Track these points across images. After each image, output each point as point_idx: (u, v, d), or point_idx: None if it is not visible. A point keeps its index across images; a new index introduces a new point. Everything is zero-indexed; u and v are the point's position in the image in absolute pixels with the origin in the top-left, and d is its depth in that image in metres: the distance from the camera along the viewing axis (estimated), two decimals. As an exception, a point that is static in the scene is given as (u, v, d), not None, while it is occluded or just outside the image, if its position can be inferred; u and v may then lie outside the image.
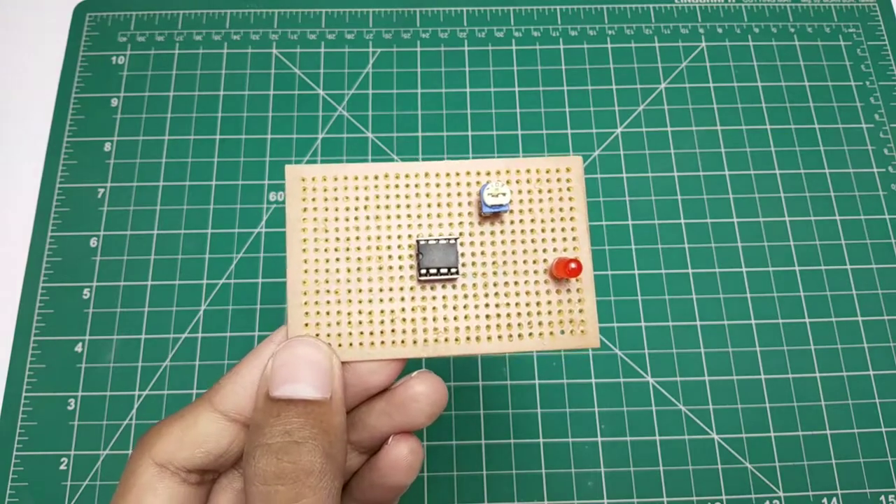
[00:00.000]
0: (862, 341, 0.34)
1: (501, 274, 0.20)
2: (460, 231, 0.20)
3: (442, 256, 0.20)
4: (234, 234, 0.36)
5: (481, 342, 0.20)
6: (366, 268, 0.20)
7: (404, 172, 0.21)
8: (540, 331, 0.20)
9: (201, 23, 0.40)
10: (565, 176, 0.21)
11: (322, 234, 0.20)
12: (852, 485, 0.32)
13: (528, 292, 0.20)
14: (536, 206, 0.21)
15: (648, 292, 0.35)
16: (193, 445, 0.18)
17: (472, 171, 0.21)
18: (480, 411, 0.33)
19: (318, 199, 0.20)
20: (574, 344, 0.20)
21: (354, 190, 0.20)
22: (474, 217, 0.21)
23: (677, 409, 0.33)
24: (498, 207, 0.20)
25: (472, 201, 0.21)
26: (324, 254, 0.20)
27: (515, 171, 0.21)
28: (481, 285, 0.20)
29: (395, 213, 0.20)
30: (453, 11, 0.41)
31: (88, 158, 0.37)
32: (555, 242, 0.21)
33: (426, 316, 0.20)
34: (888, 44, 0.40)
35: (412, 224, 0.20)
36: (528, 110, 0.38)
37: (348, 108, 0.38)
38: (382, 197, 0.20)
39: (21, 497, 0.31)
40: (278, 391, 0.17)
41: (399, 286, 0.20)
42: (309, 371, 0.18)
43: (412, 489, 0.31)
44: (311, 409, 0.17)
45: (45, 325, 0.34)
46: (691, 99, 0.39)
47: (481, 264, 0.20)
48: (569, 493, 0.32)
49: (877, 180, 0.37)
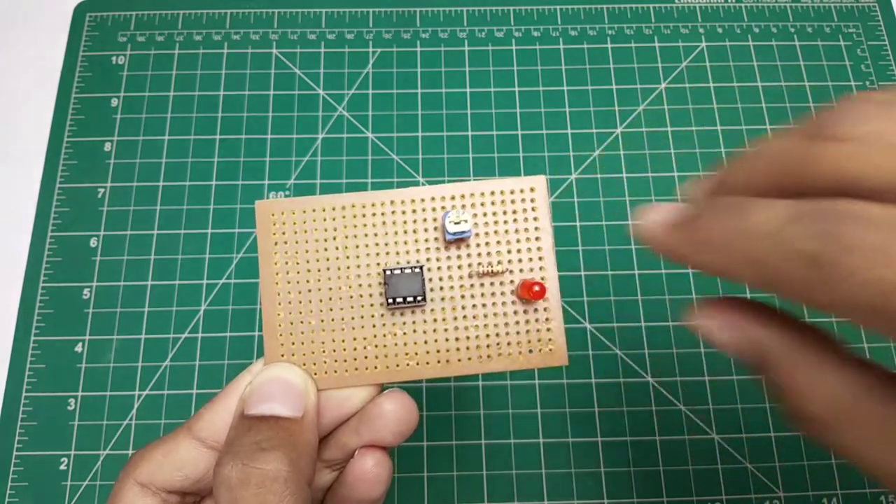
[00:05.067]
0: (862, 341, 0.34)
1: (469, 297, 0.21)
2: (427, 257, 0.21)
3: (407, 285, 0.20)
4: (234, 234, 0.36)
5: (451, 364, 0.20)
6: (337, 297, 0.21)
7: (370, 202, 0.21)
8: (509, 351, 0.21)
9: (201, 23, 0.40)
10: (529, 196, 0.21)
11: (294, 267, 0.21)
12: (852, 485, 0.32)
13: (495, 314, 0.21)
14: (501, 228, 0.21)
15: (648, 292, 0.35)
16: (172, 469, 0.19)
17: (437, 196, 0.21)
18: (480, 411, 0.33)
19: (287, 233, 0.21)
20: (543, 363, 0.20)
21: (323, 222, 0.21)
22: (440, 242, 0.21)
23: (677, 409, 0.33)
24: (460, 234, 0.20)
25: (437, 227, 0.21)
26: (296, 285, 0.21)
27: (480, 193, 0.21)
28: (449, 309, 0.21)
29: (363, 243, 0.21)
30: (453, 11, 0.41)
31: (88, 158, 0.37)
32: (521, 263, 0.21)
33: (397, 342, 0.20)
34: (888, 44, 0.40)
35: (380, 252, 0.21)
36: (528, 110, 0.38)
37: (348, 108, 0.38)
38: (350, 227, 0.21)
39: (21, 497, 0.31)
40: (252, 409, 0.18)
41: (370, 314, 0.21)
42: (282, 391, 0.19)
43: (412, 489, 0.31)
44: (282, 425, 0.18)
45: (45, 325, 0.34)
46: (691, 99, 0.39)
47: (448, 288, 0.21)
48: (569, 493, 0.32)
49: (877, 180, 0.37)
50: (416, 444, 0.32)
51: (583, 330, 0.34)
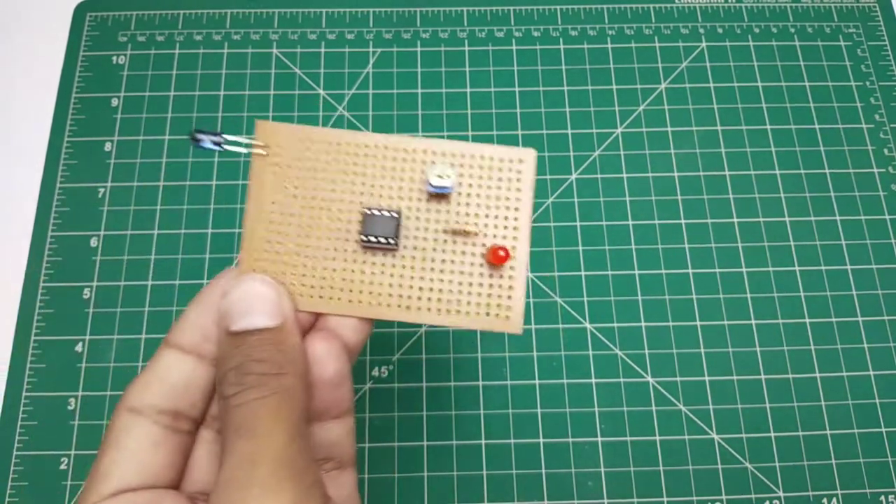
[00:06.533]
0: (862, 341, 0.34)
1: (441, 251, 0.21)
2: (408, 206, 0.21)
3: (383, 227, 0.21)
4: (235, 234, 0.36)
5: (411, 311, 0.21)
6: (316, 226, 0.21)
7: (365, 142, 0.22)
8: (468, 310, 0.21)
9: (201, 23, 0.40)
10: (517, 167, 0.22)
11: (282, 189, 0.21)
12: (852, 485, 0.32)
13: (462, 272, 0.21)
14: (484, 193, 0.22)
15: (648, 292, 0.35)
16: (157, 382, 0.20)
17: (430, 150, 0.22)
18: (480, 411, 0.33)
19: (283, 156, 0.22)
20: (497, 327, 0.21)
21: (317, 153, 0.22)
22: (424, 195, 0.22)
23: (677, 409, 0.33)
24: (441, 189, 0.21)
25: (423, 178, 0.22)
26: (280, 206, 0.21)
27: (471, 155, 0.22)
28: (420, 258, 0.21)
29: (350, 180, 0.22)
30: (453, 11, 0.41)
31: (88, 158, 0.37)
32: (496, 230, 0.21)
33: (364, 279, 0.21)
34: (888, 44, 0.40)
35: (364, 192, 0.21)
36: (528, 110, 0.38)
37: (349, 108, 0.38)
38: (342, 163, 0.22)
39: (21, 497, 0.31)
40: (235, 325, 0.19)
41: (343, 248, 0.21)
42: (260, 303, 0.20)
43: (412, 489, 0.31)
44: (266, 335, 0.19)
45: (45, 325, 0.34)
46: (691, 99, 0.39)
47: (423, 239, 0.21)
48: (569, 493, 0.32)
49: (877, 180, 0.37)
50: (416, 445, 0.32)
51: (583, 330, 0.34)
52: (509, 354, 0.34)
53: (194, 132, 0.21)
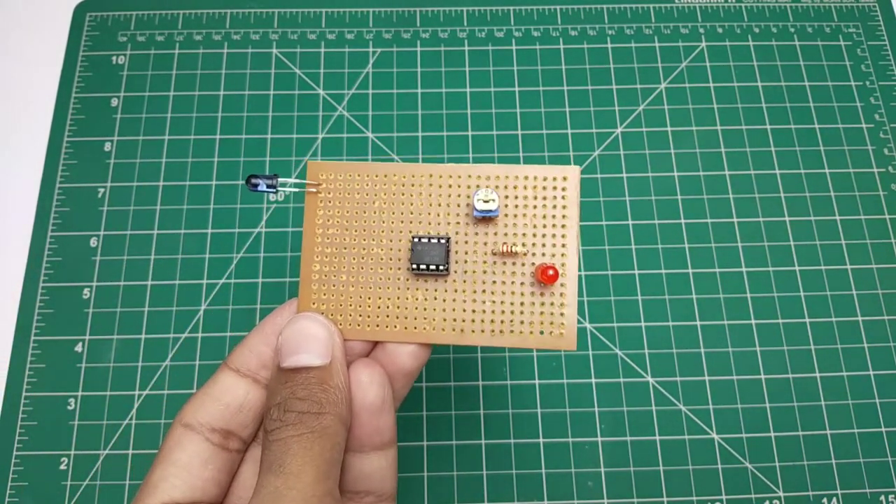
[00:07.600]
0: (862, 341, 0.34)
1: (490, 273, 0.22)
2: (456, 231, 0.22)
3: (432, 254, 0.21)
4: (234, 234, 0.36)
5: (465, 334, 0.22)
6: (368, 257, 0.22)
7: (411, 173, 0.22)
8: (521, 329, 0.22)
9: (201, 23, 0.40)
10: (561, 185, 0.22)
11: (333, 224, 0.22)
12: (852, 485, 0.32)
13: (513, 293, 0.22)
14: (530, 213, 0.22)
15: (648, 292, 0.35)
16: (213, 401, 0.21)
17: (474, 174, 0.22)
18: (480, 411, 0.33)
19: (332, 192, 0.22)
20: (552, 344, 0.22)
21: (365, 186, 0.22)
22: (470, 219, 0.22)
23: (677, 409, 0.33)
24: (487, 213, 0.21)
25: (469, 203, 0.22)
26: (333, 241, 0.22)
27: (514, 177, 0.22)
28: (470, 282, 0.22)
29: (398, 210, 0.22)
30: (453, 11, 0.41)
31: (88, 158, 0.37)
32: (544, 248, 0.22)
33: (417, 306, 0.22)
34: (888, 44, 0.40)
35: (413, 221, 0.22)
36: (528, 110, 0.38)
37: (348, 108, 0.38)
38: (389, 194, 0.22)
39: (21, 497, 0.31)
40: (285, 363, 0.20)
41: (396, 276, 0.22)
42: (310, 342, 0.21)
43: (412, 489, 0.31)
44: (313, 374, 0.20)
45: (45, 325, 0.34)
46: (691, 99, 0.39)
47: (472, 262, 0.22)
48: (569, 493, 0.32)
49: (877, 180, 0.37)
50: (417, 445, 0.32)
51: (583, 330, 0.34)
52: (509, 354, 0.34)
53: (250, 178, 0.22)
